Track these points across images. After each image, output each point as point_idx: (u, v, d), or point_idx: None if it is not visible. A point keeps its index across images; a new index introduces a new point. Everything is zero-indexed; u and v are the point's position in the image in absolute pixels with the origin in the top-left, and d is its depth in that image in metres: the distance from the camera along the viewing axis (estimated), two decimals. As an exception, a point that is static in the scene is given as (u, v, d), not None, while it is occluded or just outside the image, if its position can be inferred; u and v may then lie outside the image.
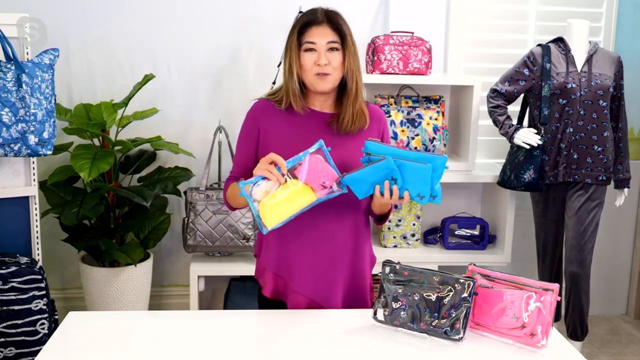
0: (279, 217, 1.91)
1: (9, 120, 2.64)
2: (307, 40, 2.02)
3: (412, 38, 3.43)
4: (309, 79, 2.04)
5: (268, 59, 3.57)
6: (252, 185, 1.90)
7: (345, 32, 2.03)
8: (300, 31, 2.04)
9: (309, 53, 2.02)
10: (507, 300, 1.87)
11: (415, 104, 3.52)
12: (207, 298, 3.76)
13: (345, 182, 1.96)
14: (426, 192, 1.92)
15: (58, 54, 2.82)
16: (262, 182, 1.91)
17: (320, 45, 2.01)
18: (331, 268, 2.09)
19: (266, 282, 2.15)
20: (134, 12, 3.55)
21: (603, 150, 3.30)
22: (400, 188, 1.92)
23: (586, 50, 3.34)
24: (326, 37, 2.01)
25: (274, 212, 1.90)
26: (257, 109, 2.12)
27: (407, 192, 1.92)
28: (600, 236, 3.62)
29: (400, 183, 1.91)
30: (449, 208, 3.81)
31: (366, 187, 1.95)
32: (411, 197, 1.93)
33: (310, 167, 1.93)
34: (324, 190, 1.94)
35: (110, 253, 3.23)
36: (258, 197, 1.90)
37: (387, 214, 2.17)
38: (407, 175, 1.90)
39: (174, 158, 3.65)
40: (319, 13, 2.04)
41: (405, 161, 1.90)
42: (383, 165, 1.90)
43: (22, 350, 2.77)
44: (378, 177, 1.92)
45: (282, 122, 2.08)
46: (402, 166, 1.90)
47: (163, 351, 1.81)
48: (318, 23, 2.02)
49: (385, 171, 1.91)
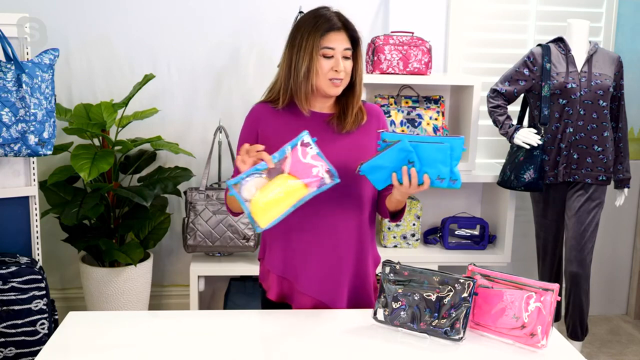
0: (272, 215, 1.85)
1: (9, 120, 2.64)
2: (326, 46, 2.02)
3: (412, 38, 3.43)
4: (322, 83, 2.03)
5: (268, 59, 3.57)
6: (240, 183, 1.84)
7: (358, 39, 2.06)
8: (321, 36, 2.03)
9: (327, 59, 2.02)
10: (507, 300, 1.87)
11: (415, 104, 3.52)
12: (207, 298, 3.76)
13: (363, 172, 1.93)
14: (446, 174, 1.86)
15: (58, 54, 2.82)
16: (250, 179, 1.85)
17: (337, 52, 2.02)
18: (336, 267, 2.09)
19: (270, 285, 2.15)
20: (134, 12, 3.55)
21: (603, 150, 3.30)
22: (419, 171, 1.87)
23: (586, 50, 3.34)
24: (343, 44, 2.03)
25: (266, 210, 1.84)
26: (256, 112, 2.13)
27: (427, 175, 1.88)
28: (600, 236, 3.62)
29: (418, 166, 1.86)
30: (449, 208, 3.81)
31: (384, 174, 1.90)
32: (431, 181, 1.88)
33: (296, 160, 1.88)
34: (315, 182, 1.89)
35: (110, 253, 3.23)
36: (248, 195, 1.84)
37: (402, 211, 2.15)
38: (425, 156, 1.86)
39: (174, 158, 3.65)
40: (335, 19, 2.04)
41: (421, 143, 1.86)
42: (399, 147, 1.86)
43: (22, 350, 2.77)
44: (395, 162, 1.88)
45: (281, 124, 2.08)
46: (418, 147, 1.85)
47: (163, 351, 1.81)
48: (337, 29, 2.03)
49: (402, 154, 1.87)
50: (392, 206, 2.11)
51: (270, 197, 1.84)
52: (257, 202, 1.83)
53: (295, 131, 2.02)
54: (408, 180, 1.90)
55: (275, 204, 1.85)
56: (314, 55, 2.01)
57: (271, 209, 1.85)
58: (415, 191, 1.93)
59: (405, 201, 2.11)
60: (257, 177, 1.85)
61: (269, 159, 1.86)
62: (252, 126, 2.12)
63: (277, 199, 1.85)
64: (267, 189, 1.85)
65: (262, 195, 1.84)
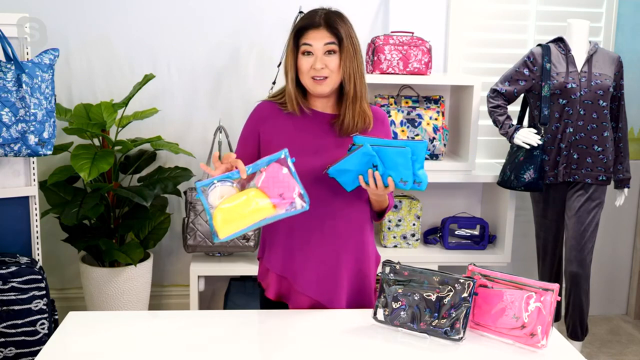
0: (233, 228, 1.78)
1: (9, 120, 2.64)
2: (304, 43, 2.02)
3: (412, 38, 3.43)
4: (306, 81, 2.04)
5: (268, 59, 3.57)
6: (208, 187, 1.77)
7: (342, 35, 2.01)
8: (298, 34, 2.04)
9: (307, 56, 2.02)
10: (507, 300, 1.87)
11: (415, 104, 3.52)
12: (207, 298, 3.76)
13: (331, 174, 1.98)
14: (409, 177, 1.92)
15: (58, 54, 2.82)
16: (219, 185, 1.78)
17: (316, 49, 2.01)
18: (335, 267, 2.09)
19: (269, 284, 2.15)
20: (134, 12, 3.55)
21: (603, 150, 3.30)
22: (383, 174, 1.93)
23: (586, 50, 3.34)
24: (322, 40, 2.01)
25: (228, 222, 1.77)
26: (260, 110, 2.12)
27: (391, 178, 1.93)
28: (600, 236, 3.62)
29: (381, 169, 1.92)
30: (449, 208, 3.81)
31: (351, 177, 1.97)
32: (395, 183, 1.94)
33: (271, 176, 1.81)
34: (284, 204, 1.82)
35: (110, 253, 3.23)
36: (213, 202, 1.77)
37: (385, 210, 2.17)
38: (387, 160, 1.91)
39: (174, 158, 3.65)
40: (318, 16, 2.03)
41: (384, 147, 1.91)
42: (362, 151, 1.91)
43: (22, 350, 2.77)
44: (360, 165, 1.94)
45: (287, 124, 2.08)
46: (380, 152, 1.91)
47: (163, 351, 1.81)
48: (315, 26, 2.02)
49: (365, 158, 1.92)
50: (375, 206, 2.14)
51: (236, 210, 1.77)
52: (220, 212, 1.77)
53: (299, 131, 2.02)
54: (374, 183, 1.94)
55: (238, 218, 1.78)
56: (293, 53, 2.03)
57: (233, 222, 1.78)
58: (382, 192, 1.97)
59: (387, 200, 2.13)
60: (227, 186, 1.79)
61: (243, 170, 1.79)
62: (255, 124, 2.11)
63: (241, 214, 1.77)
64: (233, 200, 1.78)
65: (227, 206, 1.77)
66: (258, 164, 1.82)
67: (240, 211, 1.77)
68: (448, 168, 3.50)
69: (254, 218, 1.80)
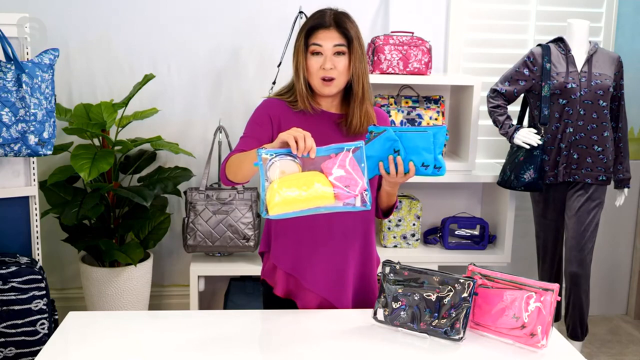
0: (286, 209, 1.67)
1: (9, 120, 2.64)
2: (314, 43, 2.02)
3: (412, 38, 3.43)
4: (314, 82, 2.04)
5: (268, 59, 3.57)
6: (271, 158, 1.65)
7: (352, 36, 2.02)
8: (308, 34, 2.04)
9: (316, 56, 2.02)
10: (507, 300, 1.87)
11: (415, 104, 3.52)
12: (207, 298, 3.76)
13: None
14: (430, 161, 1.91)
15: (58, 54, 2.82)
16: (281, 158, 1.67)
17: (326, 49, 2.01)
18: (343, 265, 2.10)
19: (277, 281, 2.14)
20: (134, 12, 3.55)
21: (603, 150, 3.30)
22: (404, 159, 1.91)
23: (586, 50, 3.34)
24: (332, 41, 2.01)
25: (283, 201, 1.66)
26: (270, 105, 2.11)
27: (412, 163, 1.91)
28: (600, 236, 3.62)
29: (403, 154, 1.91)
30: (449, 208, 3.81)
31: (372, 164, 1.93)
32: (416, 168, 1.92)
33: (341, 165, 1.72)
34: (345, 197, 1.72)
35: (110, 253, 3.23)
36: (272, 176, 1.66)
37: (393, 207, 2.17)
38: (409, 145, 1.90)
39: (174, 158, 3.65)
40: (327, 16, 2.04)
41: (406, 132, 1.90)
42: (385, 136, 1.90)
43: (22, 350, 2.77)
44: (381, 151, 1.92)
45: (297, 121, 2.06)
46: (402, 136, 1.90)
47: (163, 351, 1.81)
48: (326, 27, 2.02)
49: (387, 143, 1.91)
50: (384, 202, 2.13)
51: (295, 191, 1.66)
52: (278, 188, 1.66)
53: (309, 129, 2.01)
54: (395, 169, 1.92)
55: (294, 201, 1.67)
56: (304, 53, 2.03)
57: (289, 203, 1.67)
58: (402, 180, 1.95)
59: (396, 197, 2.12)
60: (290, 161, 1.69)
61: (314, 150, 1.72)
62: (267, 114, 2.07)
63: (299, 196, 1.67)
64: (293, 180, 1.68)
65: (286, 185, 1.66)
66: (330, 148, 1.75)
67: (299, 193, 1.67)
68: (448, 168, 3.42)
69: (310, 204, 1.69)
